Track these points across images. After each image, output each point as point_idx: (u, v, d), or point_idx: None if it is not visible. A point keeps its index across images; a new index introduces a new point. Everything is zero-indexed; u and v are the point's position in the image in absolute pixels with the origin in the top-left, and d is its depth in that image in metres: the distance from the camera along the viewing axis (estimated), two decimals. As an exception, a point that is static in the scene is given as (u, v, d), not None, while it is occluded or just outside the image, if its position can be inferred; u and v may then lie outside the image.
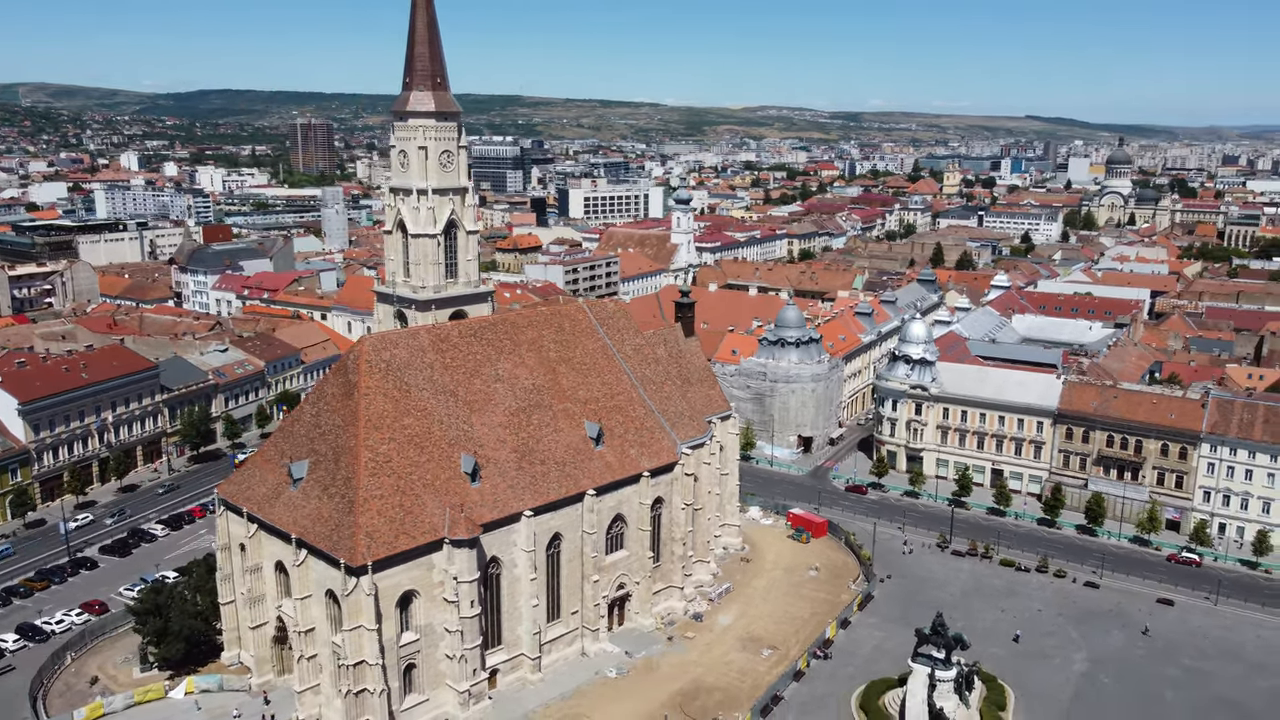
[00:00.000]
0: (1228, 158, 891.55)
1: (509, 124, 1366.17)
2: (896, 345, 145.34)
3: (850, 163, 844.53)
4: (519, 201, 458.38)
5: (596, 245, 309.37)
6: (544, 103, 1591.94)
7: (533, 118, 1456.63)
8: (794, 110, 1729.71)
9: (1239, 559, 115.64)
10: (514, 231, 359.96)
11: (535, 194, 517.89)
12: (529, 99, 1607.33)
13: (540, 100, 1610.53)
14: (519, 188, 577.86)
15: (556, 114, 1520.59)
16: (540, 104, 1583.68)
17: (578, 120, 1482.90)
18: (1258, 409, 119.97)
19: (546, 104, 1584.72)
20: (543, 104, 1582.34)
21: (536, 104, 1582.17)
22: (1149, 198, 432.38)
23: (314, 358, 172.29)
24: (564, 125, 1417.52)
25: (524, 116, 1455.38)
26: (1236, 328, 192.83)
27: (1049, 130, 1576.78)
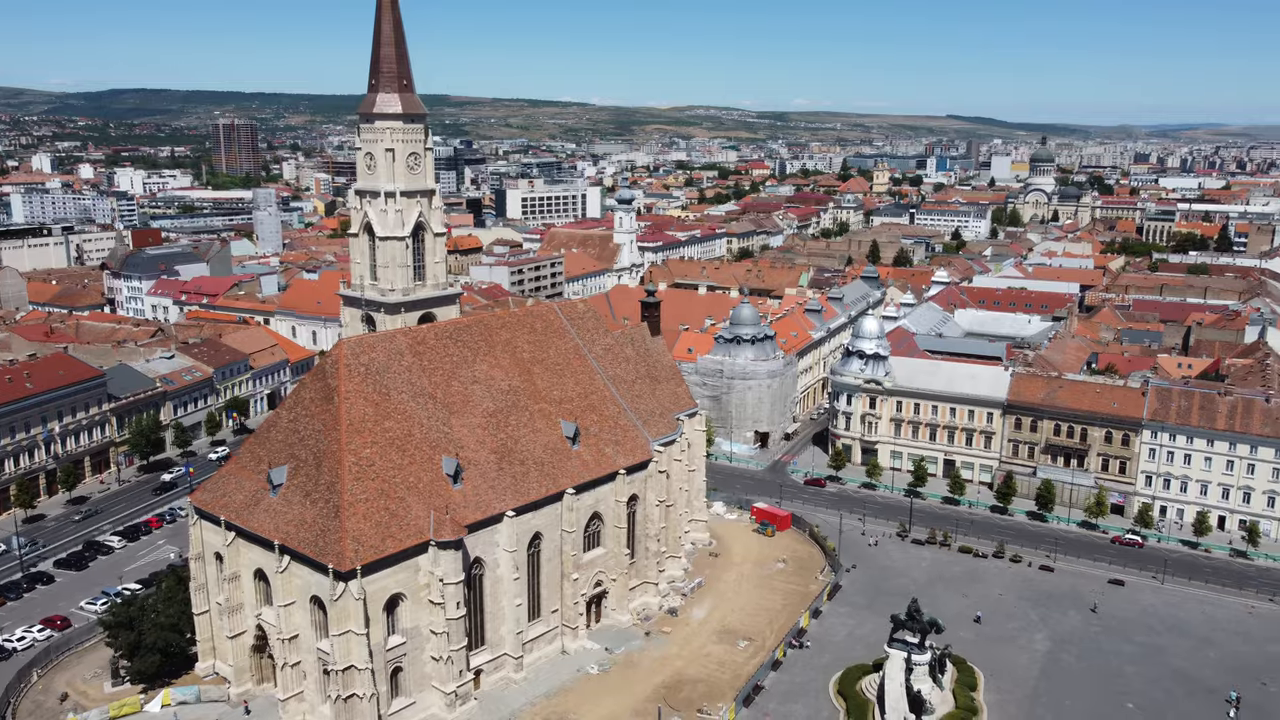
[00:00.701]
0: (1139, 156, 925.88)
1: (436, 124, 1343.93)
2: (850, 341, 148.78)
3: (780, 162, 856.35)
4: (455, 203, 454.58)
5: (539, 246, 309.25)
6: (471, 102, 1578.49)
7: (460, 117, 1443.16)
8: (722, 110, 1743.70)
9: (1180, 539, 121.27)
10: (453, 233, 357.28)
11: (470, 195, 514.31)
12: (456, 99, 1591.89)
13: (467, 100, 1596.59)
14: (453, 189, 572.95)
15: (484, 114, 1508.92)
16: (468, 103, 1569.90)
17: (506, 120, 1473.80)
18: (1194, 396, 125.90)
19: (474, 103, 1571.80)
20: (470, 103, 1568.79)
21: (464, 104, 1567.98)
22: (1071, 195, 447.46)
23: (263, 363, 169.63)
24: (492, 125, 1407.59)
25: (451, 116, 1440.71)
26: (1162, 319, 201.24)
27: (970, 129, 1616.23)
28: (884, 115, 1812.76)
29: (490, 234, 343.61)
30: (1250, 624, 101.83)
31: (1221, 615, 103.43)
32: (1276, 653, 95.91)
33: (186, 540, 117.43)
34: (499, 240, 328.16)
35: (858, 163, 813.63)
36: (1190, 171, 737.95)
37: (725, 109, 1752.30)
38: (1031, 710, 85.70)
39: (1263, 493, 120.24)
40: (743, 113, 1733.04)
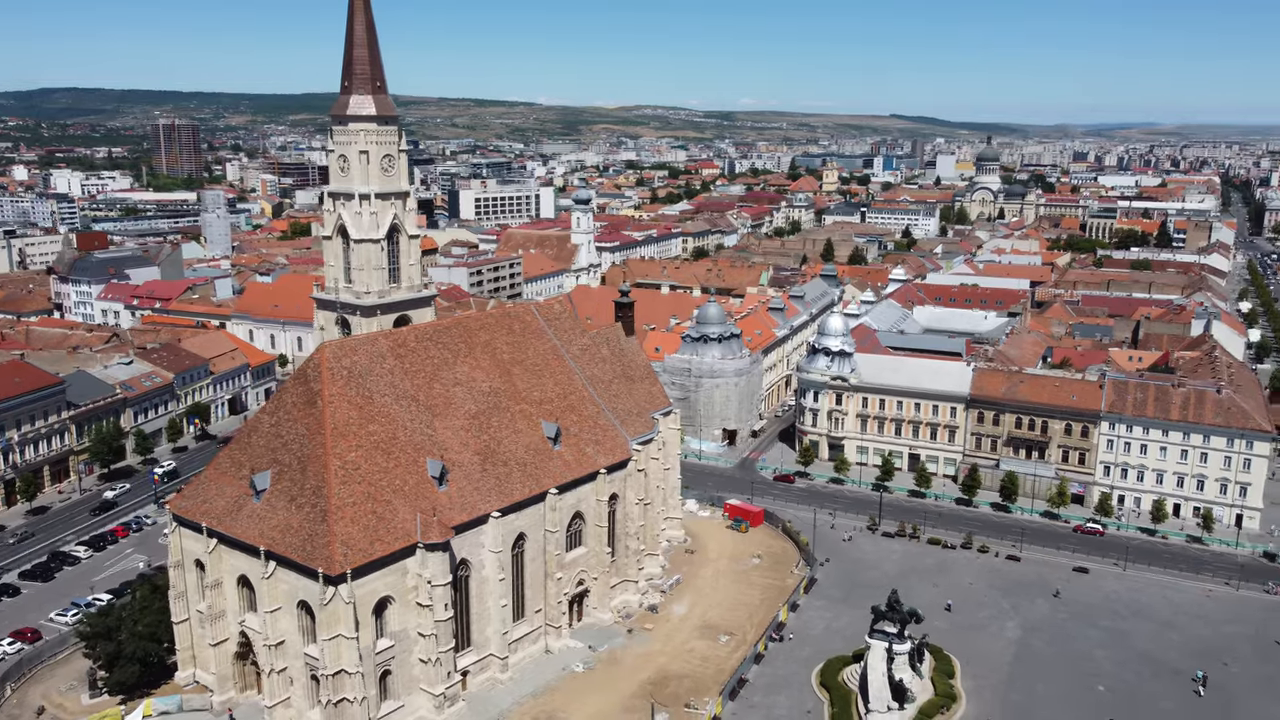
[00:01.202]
0: (1078, 154, 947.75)
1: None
2: (815, 338, 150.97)
3: (729, 161, 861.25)
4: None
5: (496, 247, 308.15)
6: (416, 102, 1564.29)
7: (405, 117, 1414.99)
8: (669, 109, 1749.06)
9: (1139, 527, 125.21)
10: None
11: (422, 196, 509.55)
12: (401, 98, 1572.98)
13: (412, 99, 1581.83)
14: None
15: (430, 113, 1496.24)
16: (413, 103, 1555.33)
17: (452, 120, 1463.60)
18: (1149, 388, 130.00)
19: (419, 103, 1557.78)
20: (415, 103, 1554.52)
21: (409, 103, 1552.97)
22: (1016, 193, 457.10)
23: (223, 368, 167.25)
24: (438, 125, 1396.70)
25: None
26: (1111, 314, 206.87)
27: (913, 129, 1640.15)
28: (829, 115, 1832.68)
29: (445, 235, 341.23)
30: (1208, 607, 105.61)
31: (1181, 599, 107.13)
32: (1235, 634, 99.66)
33: (153, 549, 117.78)
34: (454, 241, 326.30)
35: (805, 162, 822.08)
36: (1127, 170, 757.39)
37: (672, 109, 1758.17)
38: (1007, 696, 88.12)
39: (1215, 480, 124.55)
40: (690, 112, 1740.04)
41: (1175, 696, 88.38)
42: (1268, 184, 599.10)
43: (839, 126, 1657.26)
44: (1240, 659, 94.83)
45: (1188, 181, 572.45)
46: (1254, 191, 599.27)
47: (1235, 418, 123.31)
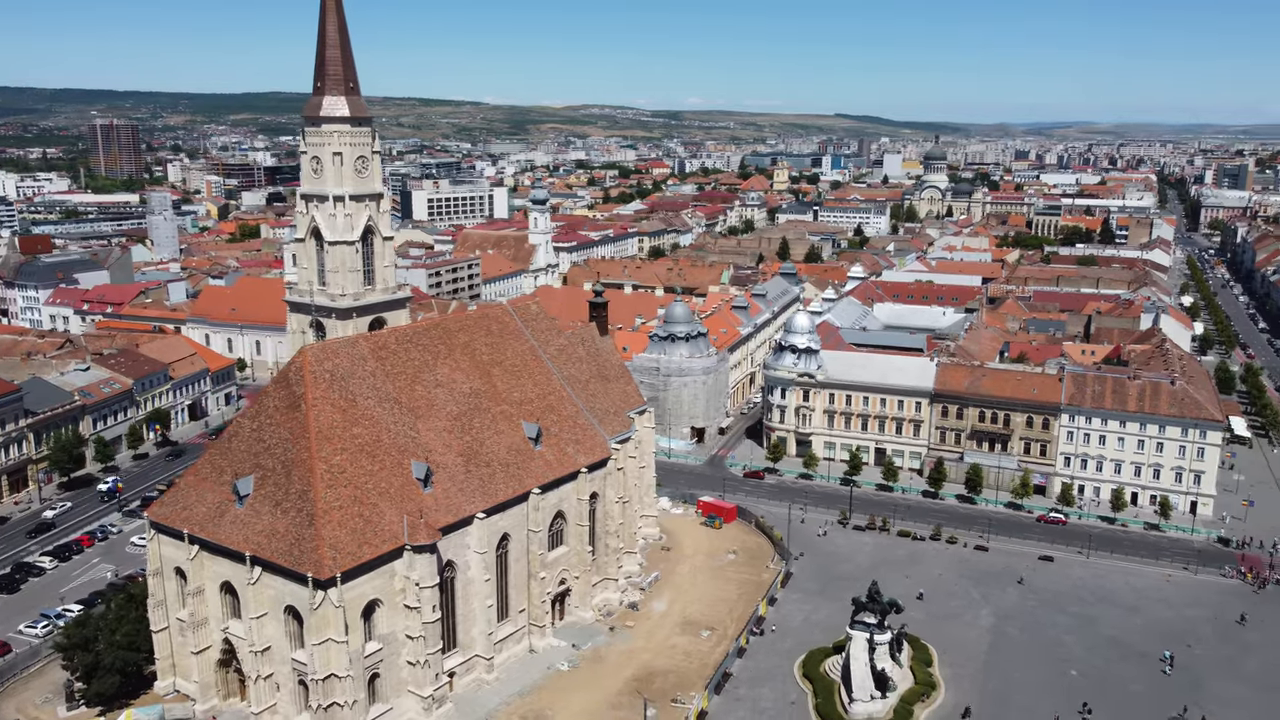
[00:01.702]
0: (1019, 153, 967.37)
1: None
2: (782, 336, 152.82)
3: (679, 161, 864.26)
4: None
5: (452, 248, 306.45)
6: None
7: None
8: (616, 109, 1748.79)
9: (1099, 516, 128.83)
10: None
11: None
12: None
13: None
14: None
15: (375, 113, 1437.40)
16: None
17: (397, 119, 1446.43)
18: (1106, 381, 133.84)
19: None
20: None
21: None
22: (963, 191, 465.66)
23: (183, 373, 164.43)
24: (383, 125, 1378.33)
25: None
26: (1062, 309, 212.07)
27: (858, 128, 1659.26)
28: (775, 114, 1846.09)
29: (399, 236, 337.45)
30: (1169, 591, 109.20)
31: (1143, 584, 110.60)
32: (1195, 616, 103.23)
33: (120, 558, 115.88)
34: (409, 242, 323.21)
35: (755, 161, 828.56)
36: (1068, 168, 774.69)
37: (620, 108, 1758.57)
38: (984, 683, 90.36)
39: (1171, 469, 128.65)
40: (637, 111, 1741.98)
41: (1144, 678, 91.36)
42: (1202, 181, 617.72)
43: (785, 126, 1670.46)
44: (1202, 640, 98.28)
45: (1126, 179, 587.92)
46: (1189, 189, 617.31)
47: (1189, 408, 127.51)
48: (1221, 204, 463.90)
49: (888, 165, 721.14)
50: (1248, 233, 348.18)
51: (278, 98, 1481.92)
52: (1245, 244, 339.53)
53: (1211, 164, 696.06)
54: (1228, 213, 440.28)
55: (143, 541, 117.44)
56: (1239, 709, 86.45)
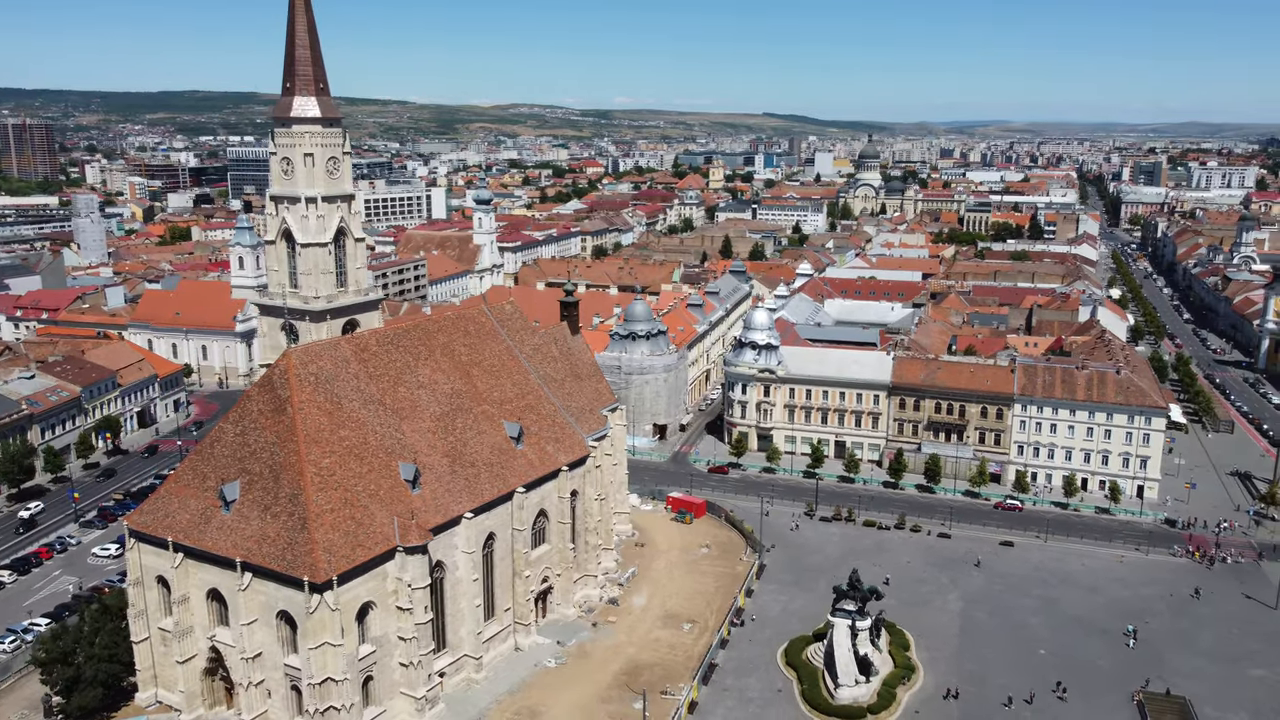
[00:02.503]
0: (944, 151, 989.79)
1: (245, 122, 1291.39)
2: (742, 333, 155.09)
3: (612, 160, 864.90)
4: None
5: (394, 249, 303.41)
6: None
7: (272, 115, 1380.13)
8: (545, 108, 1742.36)
9: (1052, 501, 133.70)
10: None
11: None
12: (265, 96, 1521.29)
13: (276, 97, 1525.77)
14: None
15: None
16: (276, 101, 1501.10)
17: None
18: (1055, 371, 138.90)
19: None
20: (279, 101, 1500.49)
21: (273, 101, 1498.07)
22: (896, 189, 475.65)
23: (131, 379, 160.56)
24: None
25: (261, 114, 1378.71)
26: (1001, 302, 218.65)
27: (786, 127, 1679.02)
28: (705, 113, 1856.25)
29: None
30: (1123, 571, 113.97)
31: (1098, 566, 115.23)
32: (1150, 594, 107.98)
33: (82, 569, 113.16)
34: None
35: (688, 160, 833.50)
36: (991, 166, 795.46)
37: (549, 107, 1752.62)
38: (960, 665, 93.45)
39: (1119, 455, 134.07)
40: (566, 111, 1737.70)
41: (1109, 654, 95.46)
42: (1119, 178, 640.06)
43: (715, 125, 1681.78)
44: (1158, 616, 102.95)
45: (1049, 176, 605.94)
46: (1107, 185, 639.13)
47: (1134, 396, 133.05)
48: (1140, 200, 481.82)
49: (819, 164, 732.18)
50: (1168, 228, 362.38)
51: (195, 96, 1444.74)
52: (1166, 239, 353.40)
53: (1128, 161, 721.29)
54: (1147, 208, 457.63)
55: (104, 552, 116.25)
56: (1198, 680, 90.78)
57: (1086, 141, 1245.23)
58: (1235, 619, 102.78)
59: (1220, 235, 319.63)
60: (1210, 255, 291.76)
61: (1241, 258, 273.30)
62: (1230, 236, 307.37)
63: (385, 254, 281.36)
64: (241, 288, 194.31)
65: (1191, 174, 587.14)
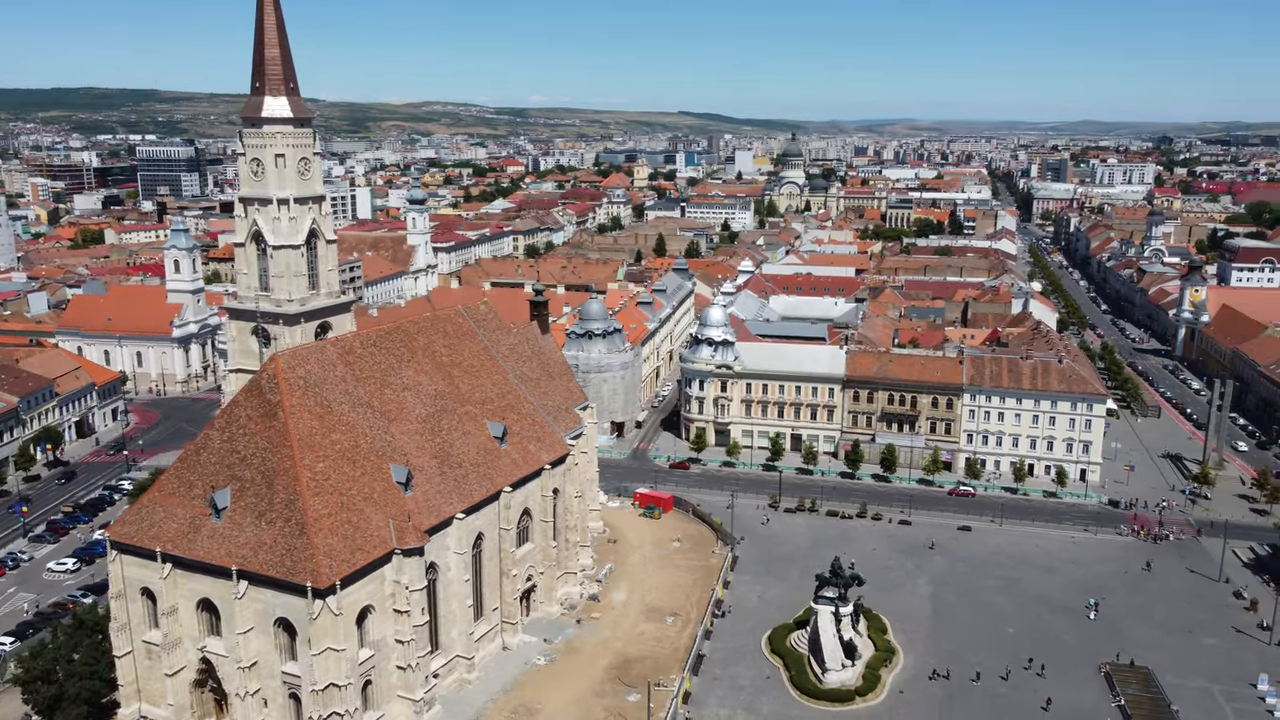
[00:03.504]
0: (858, 149, 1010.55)
1: (147, 120, 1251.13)
2: (698, 329, 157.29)
3: (532, 158, 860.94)
4: (208, 207, 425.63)
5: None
6: (186, 97, 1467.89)
7: (174, 114, 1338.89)
8: (459, 106, 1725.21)
9: (1003, 487, 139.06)
10: (220, 240, 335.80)
11: (225, 198, 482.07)
12: (167, 93, 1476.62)
13: (181, 95, 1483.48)
14: (196, 192, 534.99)
15: (202, 110, 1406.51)
16: (181, 99, 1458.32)
17: (228, 116, 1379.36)
18: (1001, 362, 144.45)
19: (189, 99, 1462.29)
20: (184, 99, 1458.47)
21: (177, 99, 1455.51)
22: (819, 187, 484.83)
23: (69, 388, 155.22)
24: (213, 122, 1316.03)
25: (163, 113, 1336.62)
26: (934, 296, 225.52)
27: (701, 125, 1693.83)
28: (621, 111, 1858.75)
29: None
30: (1076, 552, 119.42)
31: (1052, 547, 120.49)
32: (1104, 572, 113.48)
33: (38, 585, 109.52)
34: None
35: (609, 158, 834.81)
36: (904, 163, 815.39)
37: (463, 105, 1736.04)
38: (936, 645, 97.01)
39: (1063, 440, 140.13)
40: (481, 109, 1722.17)
41: (1073, 629, 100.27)
42: (1028, 175, 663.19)
43: (632, 123, 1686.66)
44: (1113, 592, 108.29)
45: (961, 173, 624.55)
46: (1016, 182, 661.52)
47: (1076, 384, 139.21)
48: (1051, 196, 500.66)
49: (740, 162, 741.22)
50: (1080, 222, 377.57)
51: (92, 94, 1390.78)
52: (1079, 233, 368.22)
53: (1035, 159, 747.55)
54: (1057, 204, 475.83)
55: (60, 567, 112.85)
56: (1157, 650, 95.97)
57: (993, 139, 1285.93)
58: (1184, 593, 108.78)
59: (1130, 229, 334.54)
60: (1123, 249, 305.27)
61: (1152, 250, 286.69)
62: (1139, 231, 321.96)
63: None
64: (178, 292, 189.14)
65: (1095, 171, 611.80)
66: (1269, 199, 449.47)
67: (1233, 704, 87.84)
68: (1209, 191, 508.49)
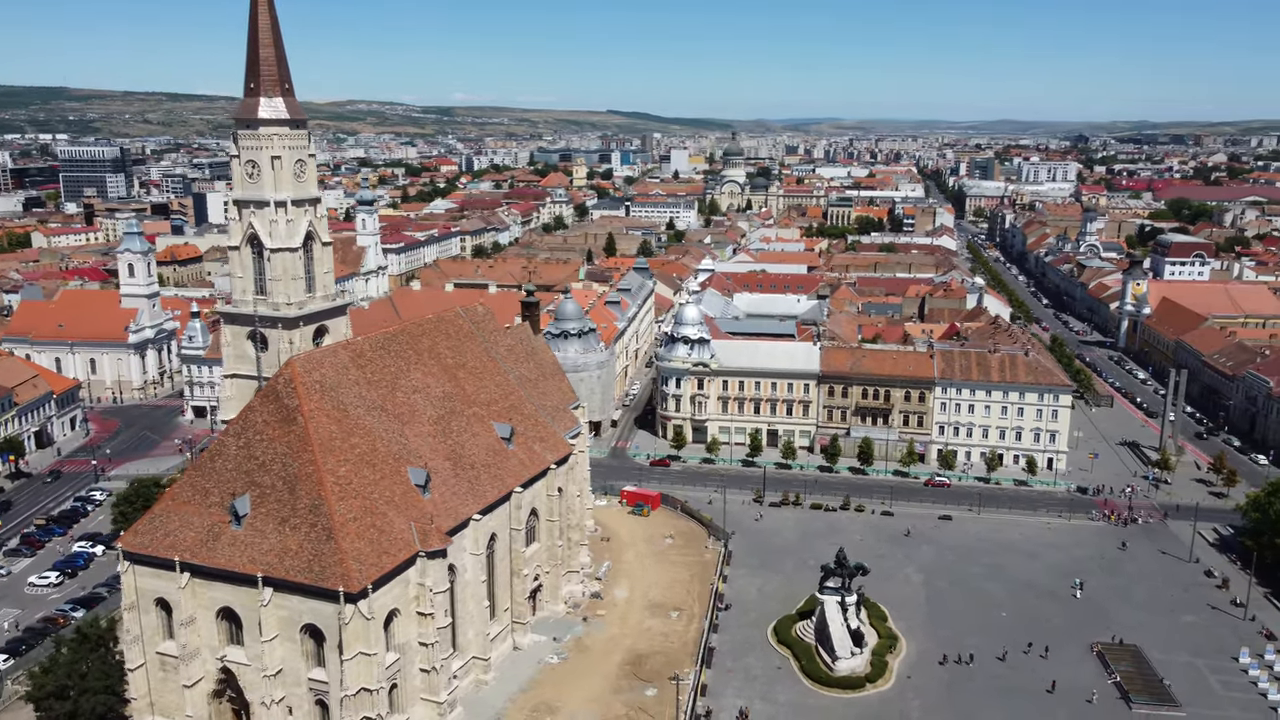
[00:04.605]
0: (789, 148, 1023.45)
1: (57, 119, 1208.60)
2: (673, 328, 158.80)
3: (465, 158, 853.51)
4: (139, 208, 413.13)
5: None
6: (98, 95, 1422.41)
7: (86, 112, 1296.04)
8: (384, 105, 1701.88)
9: (976, 476, 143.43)
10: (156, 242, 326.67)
11: (155, 200, 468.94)
12: (77, 91, 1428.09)
13: (93, 93, 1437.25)
14: (123, 194, 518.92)
15: (116, 108, 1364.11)
16: (94, 97, 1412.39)
17: (143, 115, 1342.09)
18: (970, 355, 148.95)
19: (101, 97, 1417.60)
20: (96, 97, 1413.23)
21: (89, 97, 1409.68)
22: (760, 185, 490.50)
23: (27, 397, 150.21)
24: (127, 121, 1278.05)
25: (75, 111, 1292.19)
26: (887, 293, 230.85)
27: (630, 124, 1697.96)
28: (549, 110, 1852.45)
29: (205, 241, 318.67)
30: (1052, 537, 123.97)
31: (1030, 534, 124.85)
32: (1082, 556, 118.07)
33: (20, 599, 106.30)
34: (217, 248, 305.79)
35: (543, 157, 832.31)
36: (834, 162, 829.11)
37: (388, 104, 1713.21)
38: (934, 631, 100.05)
39: (1031, 430, 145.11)
40: (407, 108, 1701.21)
41: (1061, 610, 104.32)
42: (957, 173, 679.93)
43: (560, 121, 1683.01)
44: (1093, 575, 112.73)
45: (893, 172, 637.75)
46: (946, 180, 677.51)
47: (1043, 376, 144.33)
48: (983, 194, 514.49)
49: (675, 161, 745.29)
50: (1015, 219, 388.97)
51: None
52: (1015, 229, 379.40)
53: (964, 157, 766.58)
54: (989, 201, 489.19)
55: (43, 581, 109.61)
56: (1141, 629, 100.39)
57: (919, 138, 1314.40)
58: (1158, 574, 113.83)
59: (1064, 226, 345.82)
60: (1059, 244, 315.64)
61: (1088, 246, 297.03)
62: (1072, 227, 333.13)
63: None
64: (132, 296, 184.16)
65: (1021, 169, 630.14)
66: (1187, 195, 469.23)
67: (1217, 676, 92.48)
68: (1130, 188, 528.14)
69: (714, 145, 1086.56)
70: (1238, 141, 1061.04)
